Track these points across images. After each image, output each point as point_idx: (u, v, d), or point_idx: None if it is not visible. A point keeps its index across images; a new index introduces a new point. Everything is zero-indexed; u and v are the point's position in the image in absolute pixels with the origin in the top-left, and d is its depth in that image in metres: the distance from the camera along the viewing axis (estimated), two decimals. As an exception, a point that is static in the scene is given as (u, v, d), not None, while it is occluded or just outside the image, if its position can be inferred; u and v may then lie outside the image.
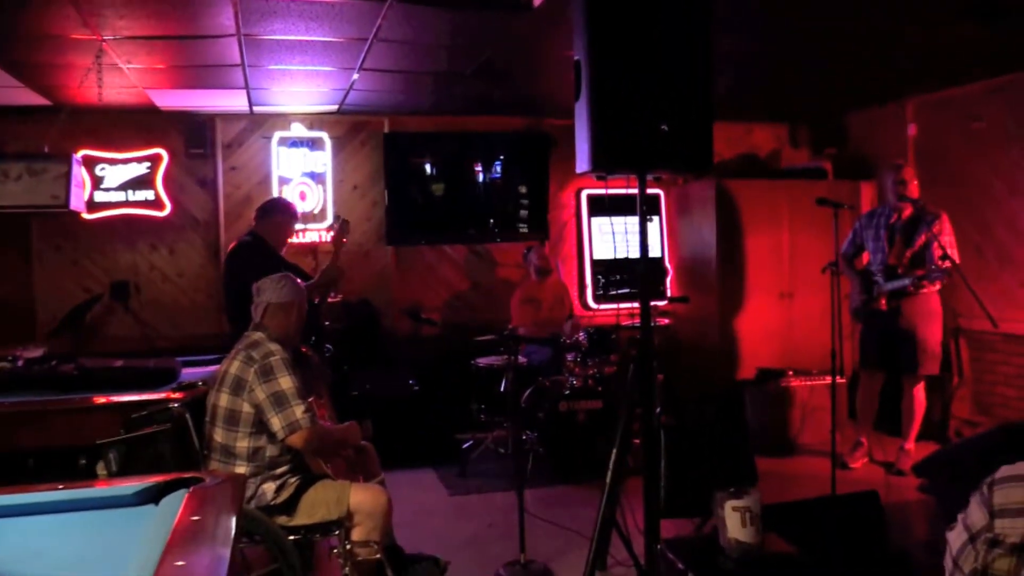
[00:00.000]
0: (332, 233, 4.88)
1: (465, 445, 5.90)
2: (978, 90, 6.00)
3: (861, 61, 5.37)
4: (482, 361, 5.91)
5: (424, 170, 6.91)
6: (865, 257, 5.61)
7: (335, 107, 6.48)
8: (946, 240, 5.07)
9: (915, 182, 5.36)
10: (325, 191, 6.73)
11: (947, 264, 4.93)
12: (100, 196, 6.32)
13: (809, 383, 6.19)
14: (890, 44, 4.92)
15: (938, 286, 5.25)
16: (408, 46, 4.77)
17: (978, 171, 6.07)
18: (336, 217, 5.60)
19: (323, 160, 6.73)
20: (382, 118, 6.87)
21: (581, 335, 5.65)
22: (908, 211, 5.31)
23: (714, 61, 3.35)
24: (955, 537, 1.52)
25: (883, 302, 5.35)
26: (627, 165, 3.33)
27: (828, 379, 4.57)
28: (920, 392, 5.45)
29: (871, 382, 5.66)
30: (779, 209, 6.77)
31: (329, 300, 5.22)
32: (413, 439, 5.84)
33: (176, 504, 2.01)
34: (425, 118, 6.91)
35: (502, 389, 5.70)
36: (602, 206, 7.26)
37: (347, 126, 6.86)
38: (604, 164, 3.24)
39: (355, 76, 5.39)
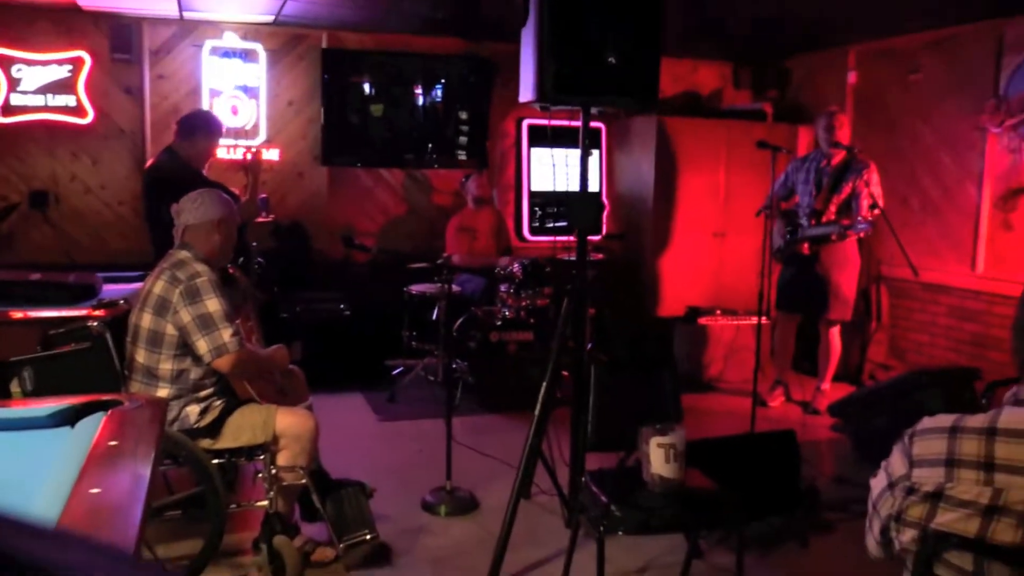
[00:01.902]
0: (246, 166, 4.69)
1: (395, 371, 5.90)
2: (918, 42, 6.07)
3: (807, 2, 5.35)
4: (415, 288, 5.85)
5: (363, 90, 6.70)
6: (795, 199, 5.70)
7: (271, 18, 6.20)
8: (875, 191, 5.17)
9: (846, 128, 5.43)
10: (258, 106, 6.48)
11: (876, 213, 5.04)
12: (17, 99, 5.96)
13: (736, 323, 6.35)
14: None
15: (860, 235, 5.37)
16: (350, -42, 4.57)
17: (912, 122, 6.18)
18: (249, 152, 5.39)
19: (257, 73, 6.46)
20: (320, 32, 6.60)
21: (515, 266, 5.63)
22: (839, 157, 5.38)
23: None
24: (876, 483, 1.60)
25: (805, 247, 5.46)
26: (572, 96, 3.28)
27: (754, 319, 4.68)
28: (835, 336, 5.63)
29: (787, 324, 5.83)
30: (717, 149, 6.80)
31: (259, 220, 5.07)
32: (343, 363, 5.80)
33: (93, 427, 1.94)
34: (365, 35, 6.67)
35: (434, 317, 5.68)
36: (543, 137, 7.18)
37: (283, 39, 6.57)
38: (549, 95, 3.18)
39: (293, -14, 5.16)
